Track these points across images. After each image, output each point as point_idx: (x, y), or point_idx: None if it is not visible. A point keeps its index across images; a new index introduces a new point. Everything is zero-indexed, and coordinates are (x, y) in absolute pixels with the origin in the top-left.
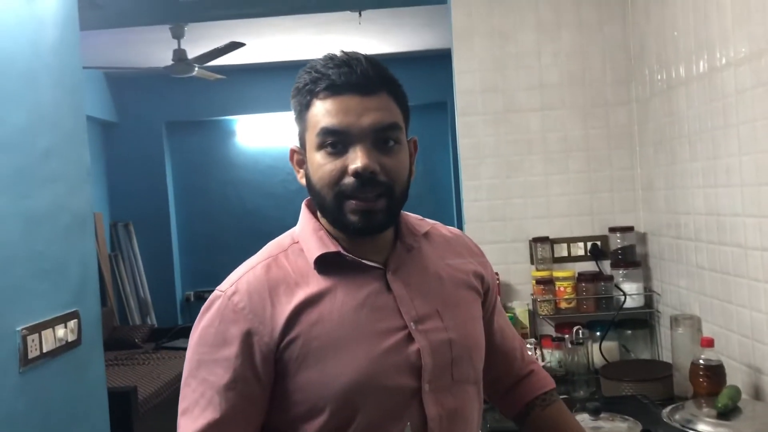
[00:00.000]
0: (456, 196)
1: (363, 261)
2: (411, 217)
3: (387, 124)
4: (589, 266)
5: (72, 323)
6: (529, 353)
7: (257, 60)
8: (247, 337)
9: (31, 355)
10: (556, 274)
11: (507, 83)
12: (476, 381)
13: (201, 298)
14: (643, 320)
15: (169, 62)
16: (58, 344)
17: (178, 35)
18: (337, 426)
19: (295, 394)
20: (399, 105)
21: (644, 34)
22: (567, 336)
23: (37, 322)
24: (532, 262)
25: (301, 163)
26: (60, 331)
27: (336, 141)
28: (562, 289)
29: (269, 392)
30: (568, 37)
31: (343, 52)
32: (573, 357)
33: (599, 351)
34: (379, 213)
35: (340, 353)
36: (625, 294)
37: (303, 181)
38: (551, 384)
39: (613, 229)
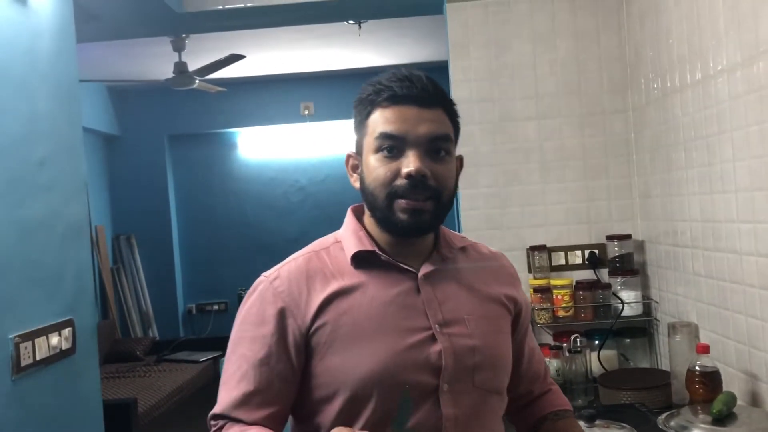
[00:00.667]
0: (454, 205)
1: (396, 262)
2: (451, 232)
3: (440, 134)
4: (587, 274)
5: (66, 331)
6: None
7: (258, 73)
8: (283, 318)
9: (24, 363)
10: (554, 282)
11: (503, 92)
12: (498, 391)
13: (202, 311)
14: (642, 328)
15: (170, 75)
16: (51, 352)
17: (178, 48)
18: (352, 411)
19: (319, 377)
20: (452, 121)
21: (639, 43)
22: (565, 344)
23: (30, 330)
24: (529, 271)
25: (356, 167)
26: (54, 339)
27: (392, 145)
28: (559, 297)
29: (300, 374)
30: (563, 46)
31: (405, 69)
32: (571, 365)
33: (597, 359)
34: (426, 213)
35: (364, 344)
36: (623, 302)
37: (357, 185)
38: (568, 405)
39: (610, 237)
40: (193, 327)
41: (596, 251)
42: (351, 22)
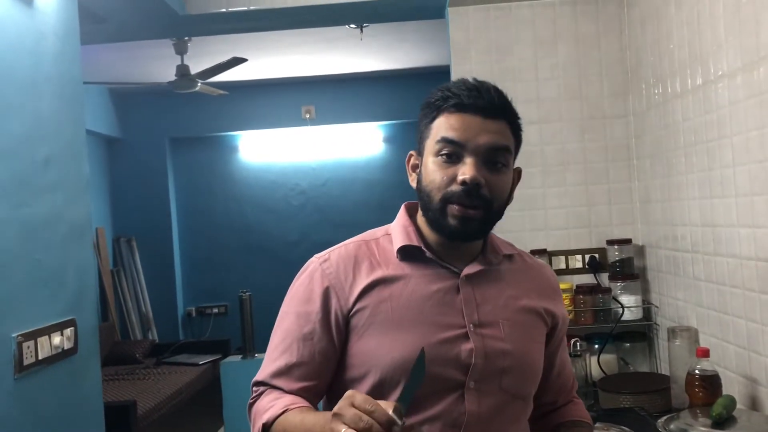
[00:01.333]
0: None
1: (440, 261)
2: (499, 238)
3: (500, 146)
4: (587, 279)
5: (68, 331)
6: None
7: (260, 77)
8: (327, 298)
9: (26, 362)
10: (560, 289)
11: None
12: (524, 397)
13: (202, 314)
14: (642, 333)
15: (173, 78)
16: (54, 352)
17: (181, 51)
18: (379, 394)
19: (353, 357)
20: (514, 135)
21: (640, 48)
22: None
23: (33, 329)
24: None
25: (415, 167)
26: (56, 339)
27: (452, 151)
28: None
29: (339, 352)
30: (565, 51)
31: (475, 79)
32: (573, 372)
33: (597, 363)
34: (476, 221)
35: (399, 332)
36: (623, 306)
37: (414, 184)
38: (588, 418)
39: (611, 242)
40: (192, 330)
41: (596, 255)
42: (353, 26)
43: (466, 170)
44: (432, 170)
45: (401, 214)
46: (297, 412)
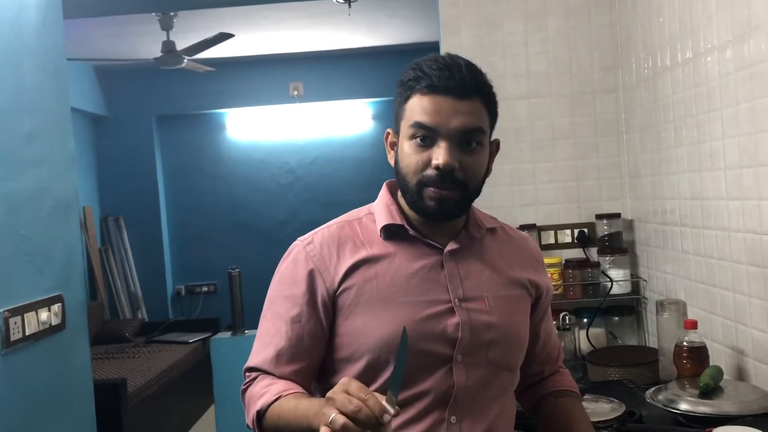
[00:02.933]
0: None
1: (424, 238)
2: (481, 212)
3: (473, 127)
4: (576, 253)
5: (56, 307)
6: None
7: (247, 53)
8: (313, 279)
9: (13, 338)
10: (543, 260)
11: (494, 71)
12: (510, 368)
13: (192, 293)
14: (630, 306)
15: (159, 54)
16: (41, 327)
17: (166, 27)
18: (370, 373)
19: (342, 338)
20: (488, 111)
21: (630, 22)
22: (554, 322)
23: (19, 304)
24: None
25: (393, 145)
26: (43, 315)
27: (425, 135)
28: (548, 275)
29: (328, 332)
30: (555, 25)
31: (448, 55)
32: (560, 343)
33: (586, 337)
34: (452, 201)
35: (385, 310)
36: (612, 280)
37: (392, 162)
38: (574, 387)
39: (600, 216)
40: (182, 308)
41: (585, 230)
42: (341, 1)
43: (439, 155)
44: (407, 154)
45: (383, 193)
46: (291, 398)
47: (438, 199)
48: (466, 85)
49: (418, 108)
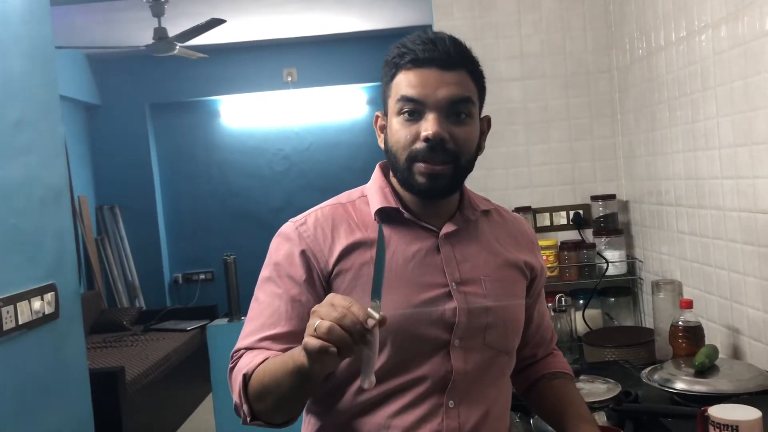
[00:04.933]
0: None
1: (419, 221)
2: (475, 194)
3: (461, 97)
4: (572, 235)
5: (49, 296)
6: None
7: (239, 39)
8: (308, 260)
9: (6, 327)
10: (539, 243)
11: (487, 53)
12: (507, 351)
13: (189, 280)
14: (626, 287)
15: (150, 41)
16: (34, 316)
17: (158, 13)
18: None
19: None
20: (476, 83)
21: (624, 1)
22: (550, 304)
23: (11, 294)
24: None
25: (383, 128)
26: (36, 304)
27: (413, 109)
28: (544, 257)
29: None
30: (548, 5)
31: (431, 31)
32: (556, 325)
33: (582, 318)
34: (444, 177)
35: (382, 294)
36: (607, 261)
37: (382, 144)
38: (568, 369)
39: (595, 198)
40: (179, 296)
41: (581, 212)
42: None
43: (428, 126)
44: (396, 130)
45: (376, 175)
46: (277, 356)
47: (429, 175)
48: (450, 56)
49: (404, 83)
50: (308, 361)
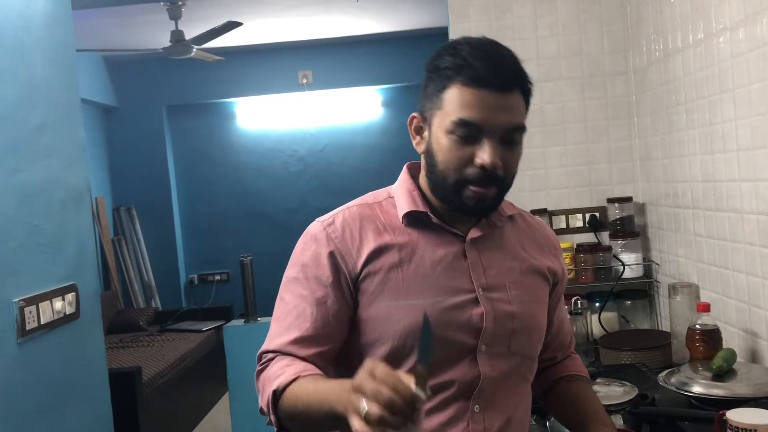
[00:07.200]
0: None
1: (446, 226)
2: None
3: (516, 125)
4: (588, 237)
5: (70, 296)
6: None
7: (255, 41)
8: (335, 261)
9: (29, 327)
10: (560, 246)
11: None
12: (531, 357)
13: (205, 281)
14: (643, 290)
15: (167, 44)
16: (56, 317)
17: (175, 16)
18: (395, 360)
19: (366, 323)
20: (526, 102)
21: (641, 3)
22: (566, 307)
23: (33, 294)
24: None
25: (420, 130)
26: (58, 304)
27: (469, 133)
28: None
29: (352, 315)
30: (564, 7)
31: (488, 42)
32: (572, 329)
33: (598, 321)
34: (490, 199)
35: (411, 298)
36: (623, 264)
37: (420, 148)
38: (585, 372)
39: (611, 200)
40: (195, 297)
41: (597, 214)
42: None
43: (485, 156)
44: (447, 149)
45: (404, 177)
46: (309, 379)
47: (478, 198)
48: (509, 77)
49: (459, 101)
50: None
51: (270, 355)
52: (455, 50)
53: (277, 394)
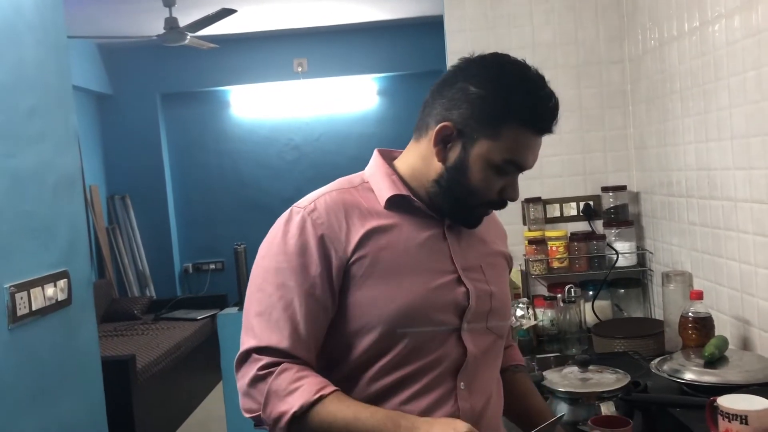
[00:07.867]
0: None
1: (427, 210)
2: None
3: None
4: (582, 226)
5: (62, 282)
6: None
7: (250, 29)
8: (324, 248)
9: (20, 313)
10: (549, 234)
11: (499, 43)
12: (503, 336)
13: (199, 270)
14: (636, 279)
15: (161, 31)
16: (47, 303)
17: (169, 3)
18: (383, 346)
19: (353, 308)
20: None
21: None
22: (559, 295)
23: (25, 280)
24: (524, 223)
25: (448, 141)
26: (49, 290)
27: (510, 170)
28: (554, 248)
29: (337, 303)
30: None
31: (551, 90)
32: (565, 316)
33: (591, 310)
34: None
35: (399, 280)
36: (617, 253)
37: (442, 159)
38: (523, 361)
39: (605, 189)
40: (189, 286)
41: (591, 203)
42: None
43: (513, 193)
44: (484, 177)
45: (380, 162)
46: (335, 400)
47: (484, 216)
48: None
49: (518, 143)
50: None
51: (266, 360)
52: (531, 86)
53: (297, 415)
